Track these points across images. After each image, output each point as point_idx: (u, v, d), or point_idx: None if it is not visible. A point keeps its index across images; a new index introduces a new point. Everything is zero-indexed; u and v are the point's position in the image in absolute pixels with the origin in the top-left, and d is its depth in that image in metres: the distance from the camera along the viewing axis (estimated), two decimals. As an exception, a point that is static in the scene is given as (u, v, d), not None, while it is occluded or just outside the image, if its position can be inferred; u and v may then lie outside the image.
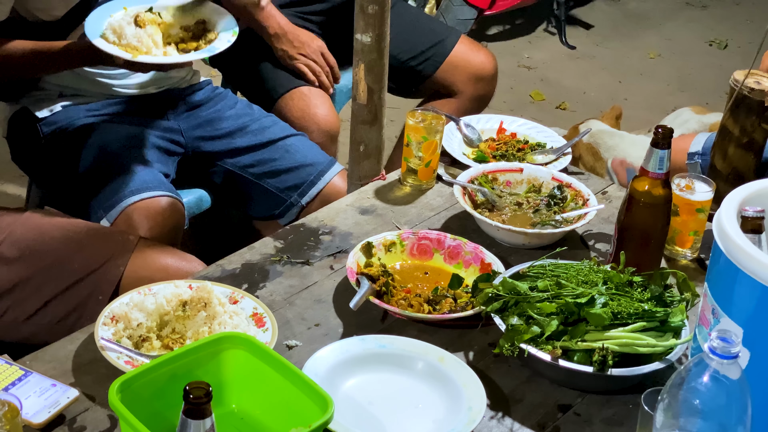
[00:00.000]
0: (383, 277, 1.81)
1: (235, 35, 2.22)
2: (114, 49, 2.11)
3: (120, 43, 2.12)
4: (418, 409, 1.59)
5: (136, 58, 2.10)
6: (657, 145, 1.77)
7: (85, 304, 1.96)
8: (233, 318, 1.66)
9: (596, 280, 1.70)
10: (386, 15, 2.13)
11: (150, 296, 1.69)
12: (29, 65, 2.25)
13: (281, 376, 1.46)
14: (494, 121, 2.44)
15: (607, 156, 3.23)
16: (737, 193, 1.51)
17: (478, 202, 2.10)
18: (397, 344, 1.67)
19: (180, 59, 2.17)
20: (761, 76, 2.24)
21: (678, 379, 1.28)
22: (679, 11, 5.72)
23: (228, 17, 2.26)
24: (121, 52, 2.10)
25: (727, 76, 2.30)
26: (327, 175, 2.49)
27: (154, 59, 2.13)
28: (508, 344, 1.61)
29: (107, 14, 2.18)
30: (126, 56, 2.10)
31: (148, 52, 2.12)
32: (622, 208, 1.85)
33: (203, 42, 2.20)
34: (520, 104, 4.48)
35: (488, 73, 3.03)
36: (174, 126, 2.49)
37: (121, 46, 2.12)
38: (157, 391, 1.42)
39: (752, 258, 1.37)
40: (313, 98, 2.77)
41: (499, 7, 4.77)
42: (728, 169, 2.32)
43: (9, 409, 1.34)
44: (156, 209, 2.24)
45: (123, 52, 2.10)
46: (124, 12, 2.18)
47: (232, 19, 2.26)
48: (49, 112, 2.40)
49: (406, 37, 2.95)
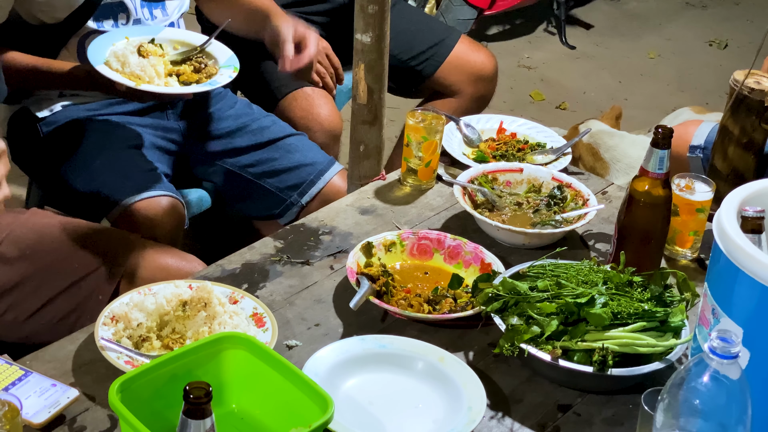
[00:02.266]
0: (383, 277, 1.81)
1: (236, 71, 2.27)
2: (117, 76, 2.15)
3: (123, 71, 2.17)
4: (418, 409, 1.59)
5: (139, 86, 2.14)
6: (657, 145, 1.77)
7: (85, 304, 1.96)
8: (233, 318, 1.67)
9: (596, 280, 1.70)
10: (386, 15, 2.13)
11: (150, 296, 1.69)
12: (27, 81, 2.28)
13: (281, 376, 1.46)
14: (494, 121, 2.44)
15: (607, 156, 3.23)
16: (737, 193, 1.51)
17: (478, 202, 2.10)
18: (397, 344, 1.67)
19: (181, 90, 2.21)
20: (761, 76, 2.24)
21: (678, 379, 1.28)
22: (679, 11, 5.72)
23: (229, 54, 2.32)
24: (124, 80, 2.14)
25: (727, 76, 2.30)
26: (327, 174, 2.49)
27: (157, 89, 2.17)
28: (508, 344, 1.61)
29: (110, 42, 2.23)
30: (130, 84, 2.14)
31: (150, 81, 2.17)
32: (622, 208, 1.85)
33: (204, 75, 2.25)
34: (520, 104, 4.48)
35: (488, 73, 3.03)
36: (174, 126, 2.49)
37: (124, 74, 2.17)
38: (157, 391, 1.42)
39: (752, 258, 1.37)
40: (316, 99, 2.77)
41: (499, 7, 4.77)
42: (728, 169, 2.33)
43: (9, 409, 1.34)
44: (156, 209, 2.24)
45: (126, 79, 2.15)
46: (126, 41, 2.24)
47: (234, 56, 2.32)
48: (49, 112, 2.40)
49: (406, 37, 2.95)
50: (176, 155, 2.48)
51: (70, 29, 2.29)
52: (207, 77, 2.25)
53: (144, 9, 2.37)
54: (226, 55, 2.32)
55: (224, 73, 2.26)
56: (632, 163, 3.17)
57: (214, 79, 2.24)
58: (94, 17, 2.29)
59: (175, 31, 2.38)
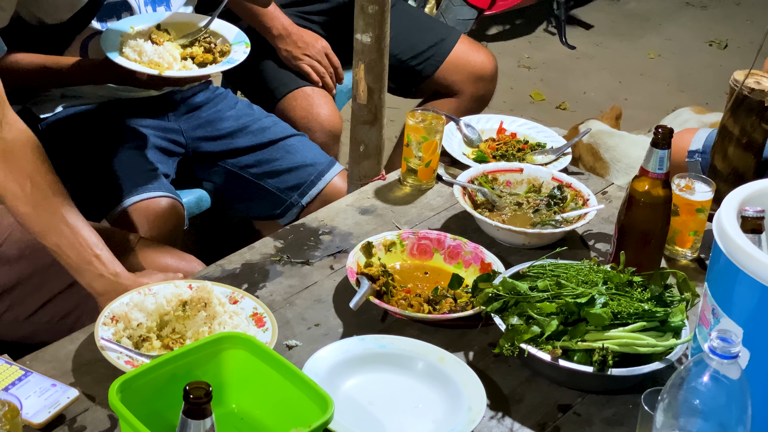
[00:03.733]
0: (383, 277, 1.81)
1: (248, 47, 2.28)
2: (138, 66, 2.16)
3: (142, 60, 2.18)
4: (418, 409, 1.59)
5: (162, 73, 2.15)
6: (657, 145, 1.77)
7: (85, 304, 1.96)
8: (233, 318, 1.67)
9: (596, 280, 1.70)
10: (386, 15, 2.13)
11: (150, 296, 1.69)
12: (36, 80, 2.27)
13: (281, 376, 1.46)
14: (494, 121, 2.44)
15: (607, 156, 3.23)
16: (737, 193, 1.51)
17: (478, 202, 2.10)
18: (397, 344, 1.67)
19: (201, 72, 2.22)
20: (761, 76, 2.24)
21: (678, 379, 1.28)
22: (679, 11, 5.72)
23: (236, 30, 2.32)
24: (146, 69, 2.16)
25: (727, 76, 2.30)
26: (327, 175, 2.49)
27: (180, 73, 2.18)
28: (508, 344, 1.61)
29: (117, 34, 2.24)
30: (152, 72, 2.15)
31: (170, 67, 2.18)
32: (622, 208, 1.85)
33: (217, 54, 2.26)
34: (520, 104, 4.48)
35: (488, 72, 3.03)
36: (174, 126, 2.49)
37: (143, 62, 2.18)
38: (157, 391, 1.42)
39: (752, 258, 1.37)
40: (316, 98, 2.77)
41: (499, 7, 4.77)
42: (728, 169, 2.32)
43: (9, 409, 1.34)
44: (156, 209, 2.24)
45: (148, 68, 2.16)
46: (132, 31, 2.24)
47: (241, 31, 2.32)
48: (51, 112, 2.40)
49: (406, 37, 2.95)
50: (177, 156, 2.48)
51: (73, 30, 2.29)
52: (221, 55, 2.26)
53: (148, 7, 2.37)
54: (233, 32, 2.32)
55: (238, 50, 2.27)
56: (632, 163, 3.17)
57: (231, 57, 2.25)
58: (97, 17, 2.29)
59: (177, 15, 2.36)
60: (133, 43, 2.19)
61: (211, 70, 2.22)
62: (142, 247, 2.04)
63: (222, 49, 2.27)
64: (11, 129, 1.82)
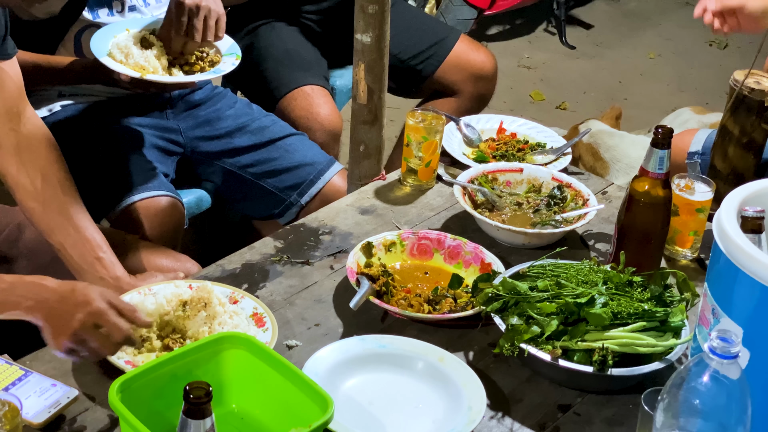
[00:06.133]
0: (383, 277, 1.81)
1: (239, 59, 2.29)
2: (122, 68, 2.17)
3: (127, 62, 2.18)
4: (418, 409, 1.59)
5: (144, 76, 2.16)
6: (657, 145, 1.77)
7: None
8: (233, 318, 1.67)
9: (596, 280, 1.70)
10: (386, 15, 2.13)
11: (150, 296, 1.69)
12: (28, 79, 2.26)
13: (281, 376, 1.46)
14: (494, 121, 2.44)
15: (607, 156, 3.23)
16: (737, 193, 1.51)
17: (478, 202, 2.10)
18: (397, 344, 1.67)
19: (185, 79, 2.23)
20: (761, 76, 2.24)
21: (678, 379, 1.28)
22: (679, 11, 5.72)
23: (230, 42, 2.33)
24: (129, 71, 2.16)
25: (727, 76, 2.30)
26: (326, 174, 2.49)
27: (162, 78, 2.19)
28: (508, 344, 1.61)
29: (111, 35, 2.24)
30: (134, 74, 2.16)
31: (155, 72, 2.18)
32: (622, 208, 1.85)
33: (207, 64, 2.27)
34: (520, 104, 4.48)
35: (488, 72, 3.03)
36: (173, 126, 2.49)
37: (128, 65, 2.18)
38: (157, 391, 1.42)
39: (752, 258, 1.37)
40: (316, 98, 2.77)
41: (499, 7, 4.77)
42: (728, 169, 2.32)
43: (9, 409, 1.34)
44: (156, 209, 2.24)
45: (131, 70, 2.16)
46: (127, 33, 2.25)
47: (235, 44, 2.33)
48: (48, 111, 2.40)
49: (406, 37, 2.95)
50: (176, 155, 2.48)
51: (65, 22, 2.28)
52: (210, 65, 2.27)
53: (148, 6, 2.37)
54: (227, 43, 2.33)
55: (227, 61, 2.28)
56: (632, 163, 3.17)
57: (217, 67, 2.26)
58: (88, 6, 2.29)
59: None
60: (122, 44, 2.20)
61: (195, 78, 2.23)
62: (137, 248, 2.04)
63: (212, 59, 2.29)
64: (28, 124, 1.83)
